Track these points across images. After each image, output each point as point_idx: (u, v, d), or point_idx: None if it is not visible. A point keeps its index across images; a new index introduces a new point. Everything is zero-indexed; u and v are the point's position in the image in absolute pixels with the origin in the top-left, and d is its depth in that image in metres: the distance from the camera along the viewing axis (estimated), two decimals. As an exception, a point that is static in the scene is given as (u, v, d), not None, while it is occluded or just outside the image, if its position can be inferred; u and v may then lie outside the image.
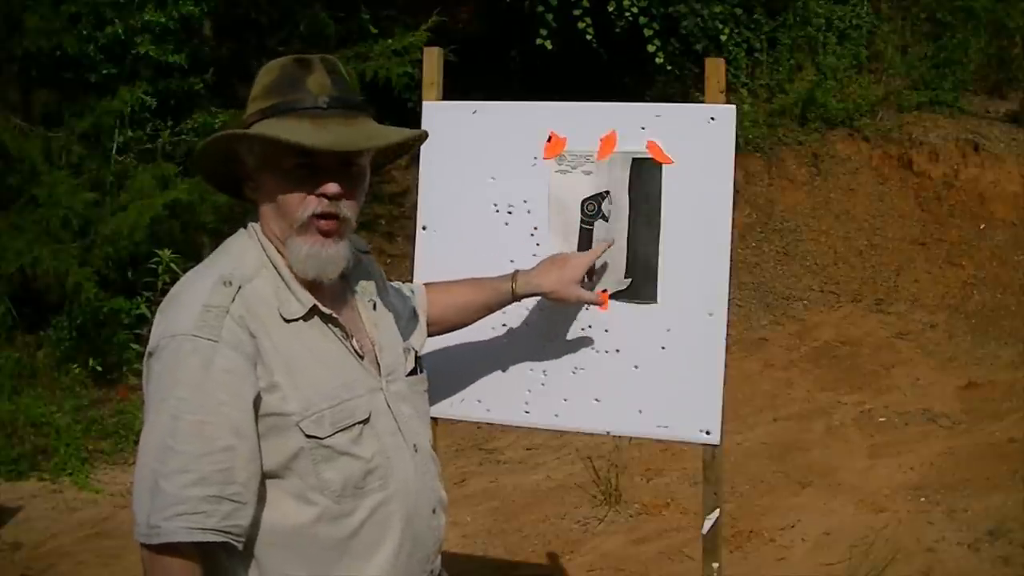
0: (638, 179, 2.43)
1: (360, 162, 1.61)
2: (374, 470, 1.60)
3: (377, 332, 1.72)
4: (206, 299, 1.52)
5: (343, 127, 1.55)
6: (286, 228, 1.58)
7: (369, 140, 1.58)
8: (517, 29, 9.35)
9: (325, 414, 1.56)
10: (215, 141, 1.60)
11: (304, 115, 1.55)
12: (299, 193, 1.55)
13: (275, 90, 1.58)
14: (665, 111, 2.48)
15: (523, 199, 2.50)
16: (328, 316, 1.62)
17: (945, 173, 8.13)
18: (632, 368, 2.41)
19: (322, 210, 1.56)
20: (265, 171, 1.58)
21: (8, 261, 6.09)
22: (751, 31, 9.40)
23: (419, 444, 1.72)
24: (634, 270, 2.42)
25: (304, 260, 1.57)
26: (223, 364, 1.48)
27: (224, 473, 1.45)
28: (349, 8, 8.20)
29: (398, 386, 1.71)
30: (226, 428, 1.46)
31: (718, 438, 2.40)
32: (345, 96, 1.59)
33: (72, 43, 6.53)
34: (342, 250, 1.61)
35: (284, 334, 1.56)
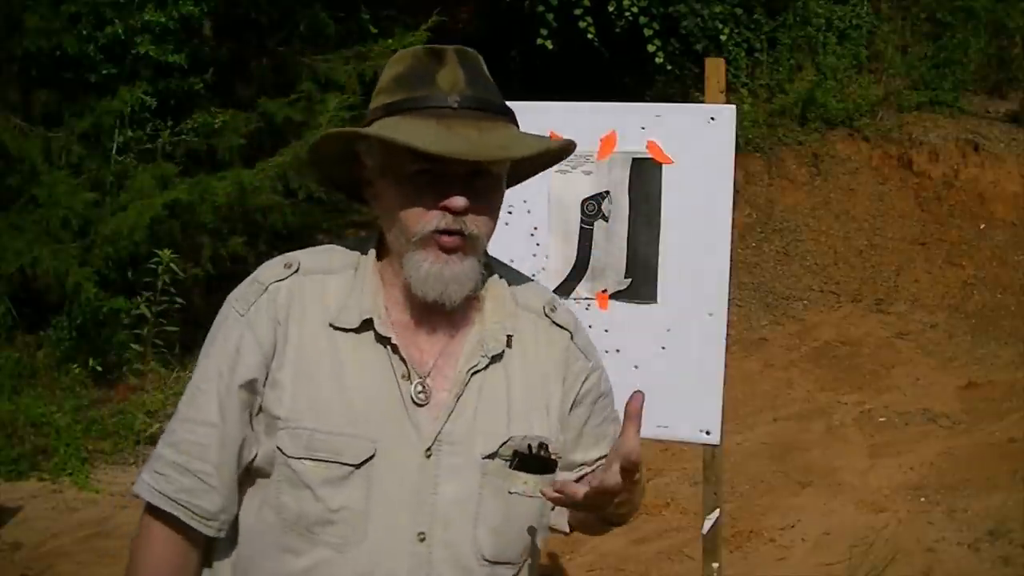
0: (638, 179, 2.43)
1: (494, 172, 1.37)
2: (334, 524, 1.33)
3: (467, 393, 1.38)
4: (260, 273, 1.42)
5: (474, 131, 1.31)
6: (404, 242, 1.35)
7: (503, 150, 1.34)
8: (517, 29, 9.35)
9: (304, 434, 1.34)
10: (328, 140, 1.40)
11: (430, 115, 1.32)
12: (420, 205, 1.33)
13: (402, 84, 1.37)
14: (665, 111, 2.48)
15: (523, 199, 2.50)
16: (383, 337, 1.37)
17: (945, 173, 8.13)
18: (632, 368, 2.41)
19: (445, 226, 1.33)
20: (385, 177, 1.36)
21: (8, 261, 6.08)
22: (751, 31, 9.40)
23: (438, 538, 1.34)
24: (634, 270, 2.42)
25: (424, 278, 1.34)
26: (236, 340, 1.37)
27: (197, 447, 1.37)
28: (349, 8, 8.19)
29: (456, 460, 1.36)
30: (215, 404, 1.37)
31: (718, 438, 2.40)
32: (481, 96, 1.36)
33: (72, 43, 6.52)
34: (468, 269, 1.35)
35: (319, 337, 1.37)
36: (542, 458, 1.41)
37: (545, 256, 2.48)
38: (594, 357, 1.53)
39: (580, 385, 1.49)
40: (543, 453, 1.41)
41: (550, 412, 1.44)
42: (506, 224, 2.52)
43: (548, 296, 1.52)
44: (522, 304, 1.47)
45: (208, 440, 1.37)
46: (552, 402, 1.44)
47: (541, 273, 2.49)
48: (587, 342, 1.53)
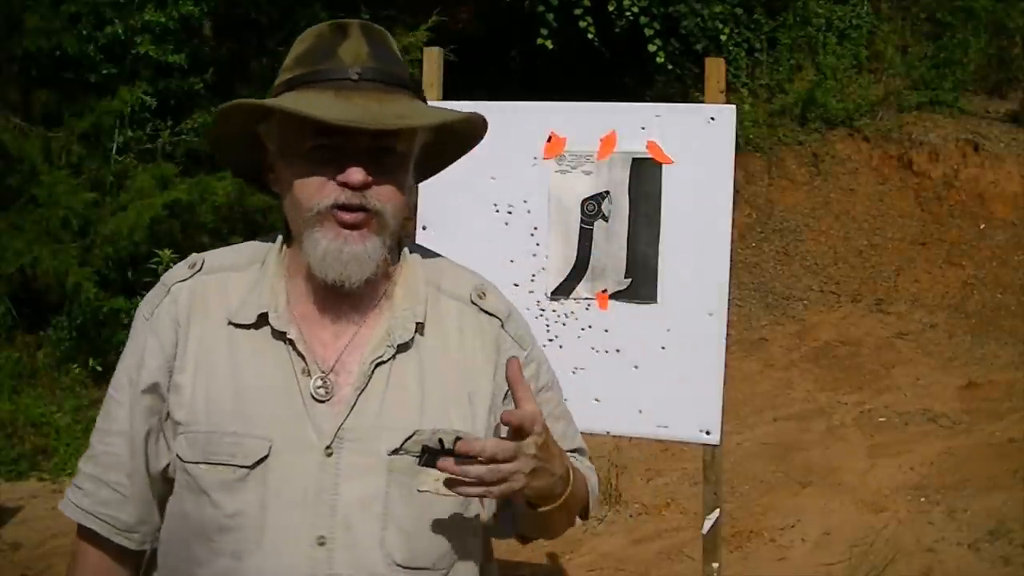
0: (638, 179, 2.43)
1: (398, 148, 1.29)
2: (230, 530, 1.25)
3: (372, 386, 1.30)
4: (166, 275, 1.38)
5: (374, 103, 1.25)
6: (302, 221, 1.29)
7: (401, 119, 1.26)
8: (517, 29, 9.36)
9: (201, 437, 1.27)
10: (225, 119, 1.33)
11: (329, 87, 1.26)
12: (317, 179, 1.27)
13: (305, 59, 1.32)
14: (665, 111, 2.48)
15: (523, 199, 2.50)
16: (280, 333, 1.30)
17: (945, 173, 8.13)
18: (632, 368, 2.41)
19: (346, 200, 1.26)
20: (285, 156, 1.31)
21: (8, 261, 6.09)
22: (751, 31, 9.40)
23: (339, 541, 1.25)
24: (634, 270, 2.42)
25: (322, 257, 1.27)
26: (141, 345, 1.34)
27: (111, 458, 1.34)
28: (349, 8, 8.19)
29: (360, 458, 1.27)
30: (125, 412, 1.33)
31: (718, 438, 2.40)
32: (384, 68, 1.30)
33: (72, 43, 6.52)
34: (371, 248, 1.28)
35: (220, 336, 1.31)
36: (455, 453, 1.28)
37: (545, 256, 2.49)
38: (530, 346, 1.43)
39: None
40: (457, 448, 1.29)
41: (474, 404, 1.34)
42: (506, 224, 2.52)
43: (477, 282, 1.42)
44: (445, 290, 1.39)
45: (120, 450, 1.33)
46: (479, 393, 1.35)
47: (541, 273, 2.49)
48: (522, 330, 1.43)
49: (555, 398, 1.48)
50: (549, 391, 1.46)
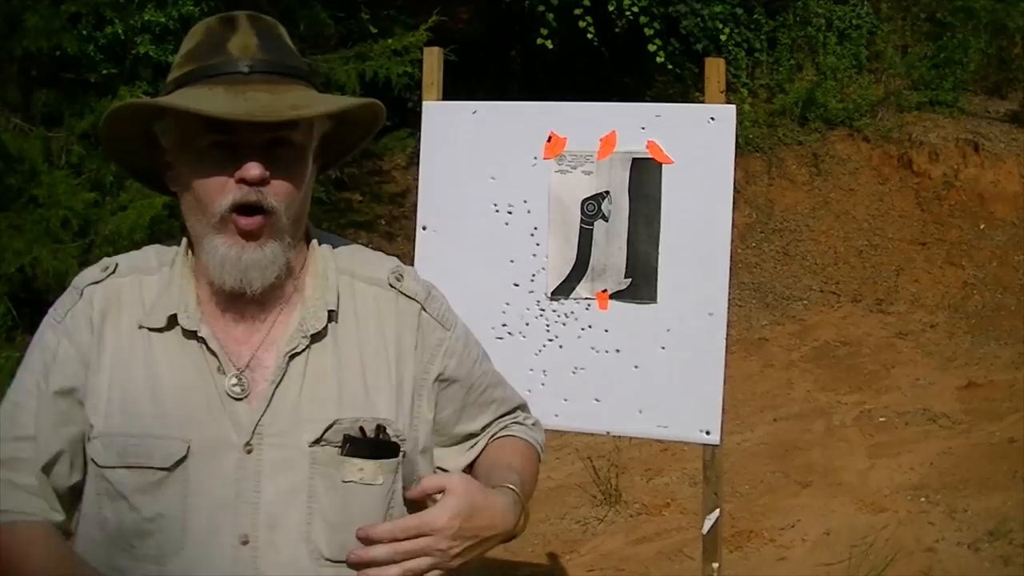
0: (638, 179, 2.44)
1: (295, 140, 1.27)
2: (151, 535, 1.22)
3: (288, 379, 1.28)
4: (77, 279, 1.36)
5: (266, 94, 1.23)
6: (203, 225, 1.26)
7: (294, 109, 1.23)
8: (517, 29, 9.36)
9: (117, 440, 1.25)
10: (117, 121, 1.30)
11: (219, 82, 1.24)
12: (216, 179, 1.23)
13: (194, 56, 1.30)
14: (665, 111, 2.48)
15: (523, 199, 2.50)
16: (191, 332, 1.28)
17: (945, 173, 8.13)
18: (632, 368, 2.41)
19: (242, 197, 1.23)
20: (180, 155, 1.28)
21: (8, 261, 6.08)
22: (751, 31, 9.40)
23: (263, 540, 1.23)
24: (634, 270, 2.42)
25: (220, 265, 1.25)
26: (53, 348, 1.30)
27: (18, 463, 1.29)
28: (349, 8, 8.20)
29: (280, 453, 1.25)
30: (32, 417, 1.29)
31: (718, 438, 2.40)
32: (275, 59, 1.27)
33: (72, 43, 6.52)
34: (270, 254, 1.26)
35: (135, 339, 1.29)
36: (379, 441, 1.28)
37: (545, 256, 2.49)
38: (453, 324, 1.41)
39: (441, 357, 1.38)
40: (380, 436, 1.28)
41: (402, 388, 1.33)
42: (506, 224, 2.52)
43: (392, 265, 1.41)
44: (360, 276, 1.37)
45: (27, 454, 1.29)
46: (405, 377, 1.34)
47: (541, 273, 2.49)
48: (443, 309, 1.41)
49: (488, 368, 1.48)
50: (481, 363, 1.46)
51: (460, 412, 1.42)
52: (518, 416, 1.52)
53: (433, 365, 1.38)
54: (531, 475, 1.44)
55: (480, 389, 1.45)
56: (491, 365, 1.50)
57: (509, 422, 1.50)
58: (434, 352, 1.38)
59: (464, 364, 1.42)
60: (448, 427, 1.42)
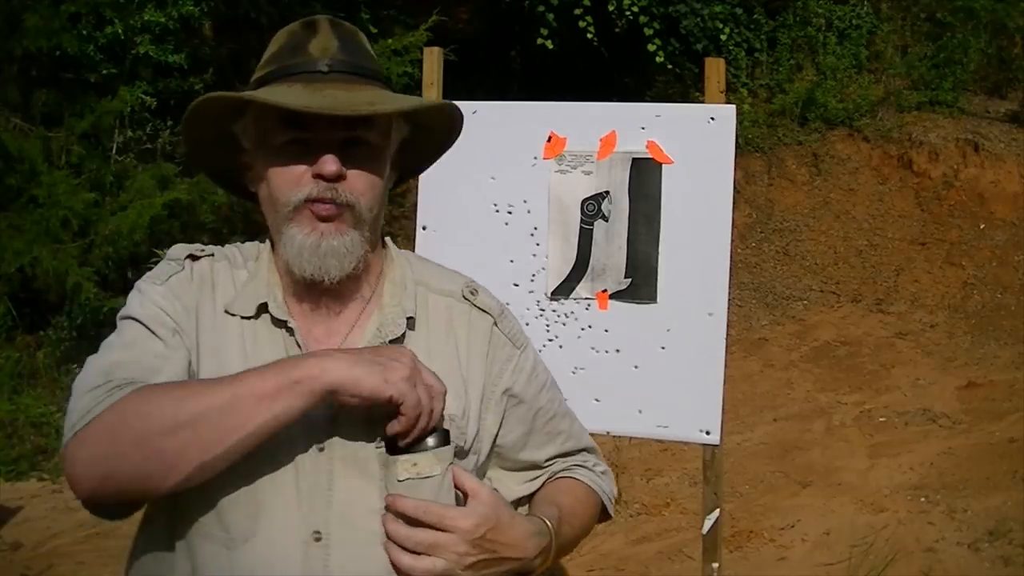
0: (638, 179, 2.43)
1: (372, 140, 1.28)
2: (221, 517, 1.21)
3: None
4: (172, 252, 1.37)
5: (344, 92, 1.25)
6: (279, 217, 1.28)
7: (371, 106, 1.25)
8: (517, 29, 9.36)
9: None
10: (198, 118, 1.30)
11: (299, 80, 1.26)
12: (291, 172, 1.26)
13: (275, 57, 1.32)
14: (665, 111, 2.48)
15: (523, 199, 2.50)
16: (279, 321, 1.29)
17: (945, 173, 8.13)
18: (632, 368, 2.41)
19: (317, 193, 1.24)
20: (259, 152, 1.30)
21: (8, 261, 6.09)
22: (751, 31, 9.41)
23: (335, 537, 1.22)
24: (634, 270, 2.42)
25: (298, 252, 1.26)
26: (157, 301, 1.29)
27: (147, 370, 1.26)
28: (349, 8, 8.20)
29: (351, 452, 1.25)
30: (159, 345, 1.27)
31: (718, 438, 2.40)
32: (353, 60, 1.30)
33: (72, 43, 6.53)
34: (349, 243, 1.26)
35: (222, 321, 1.30)
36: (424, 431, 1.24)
37: (545, 256, 2.49)
38: (524, 344, 1.42)
39: (511, 372, 1.38)
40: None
41: (469, 394, 1.33)
42: (506, 224, 2.52)
43: (466, 280, 1.42)
44: (434, 288, 1.38)
45: (159, 365, 1.24)
46: (472, 383, 1.34)
47: (541, 273, 2.49)
48: (515, 328, 1.42)
49: (557, 396, 1.46)
50: (548, 390, 1.45)
51: (526, 437, 1.41)
52: (587, 460, 1.48)
53: (502, 378, 1.37)
54: (577, 517, 1.39)
55: (547, 416, 1.43)
56: (560, 396, 1.48)
57: (574, 463, 1.46)
58: (503, 366, 1.38)
59: (532, 385, 1.40)
60: (513, 451, 1.40)
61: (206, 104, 1.28)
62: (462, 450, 1.30)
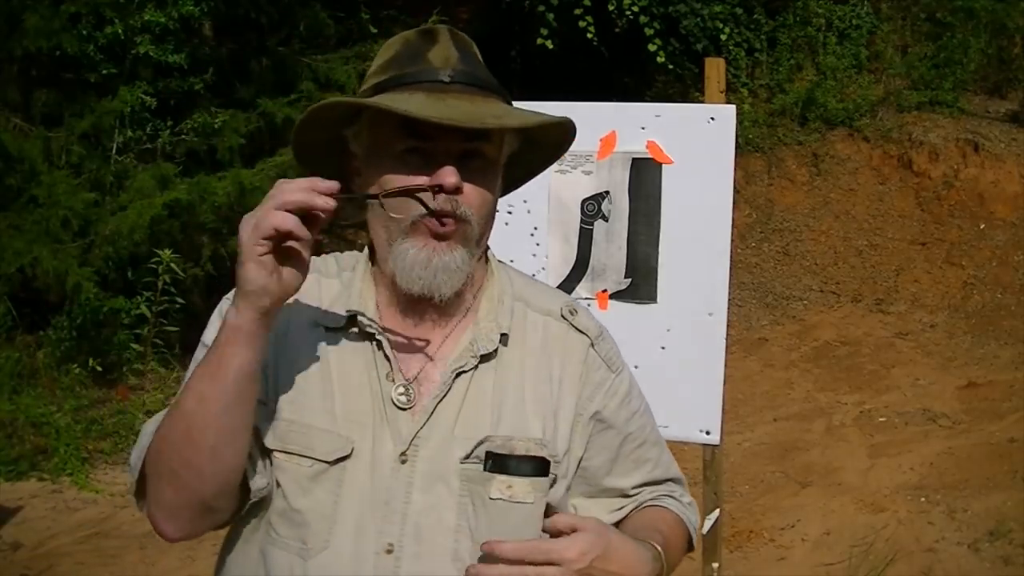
0: (638, 179, 2.43)
1: (488, 153, 1.26)
2: (297, 527, 1.22)
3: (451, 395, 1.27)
4: None
5: (467, 103, 1.22)
6: (392, 230, 1.25)
7: (497, 119, 1.23)
8: (517, 29, 9.37)
9: (281, 424, 1.25)
10: (310, 122, 1.28)
11: (421, 88, 1.23)
12: (410, 183, 1.23)
13: (393, 64, 1.28)
14: (665, 111, 2.48)
15: (523, 199, 2.50)
16: (368, 334, 1.28)
17: (945, 173, 8.13)
18: (632, 368, 2.41)
19: (438, 205, 1.21)
20: (373, 159, 1.27)
21: (8, 261, 6.08)
22: (751, 31, 9.41)
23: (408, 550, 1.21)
24: (634, 270, 2.42)
25: (410, 268, 1.23)
26: None
27: None
28: (349, 8, 8.20)
29: (433, 466, 1.24)
30: None
31: (718, 438, 2.40)
32: (474, 72, 1.27)
33: (72, 43, 6.52)
34: (459, 259, 1.24)
35: (309, 334, 1.30)
36: (524, 457, 1.25)
37: (545, 256, 2.49)
38: (620, 368, 1.39)
39: (603, 396, 1.35)
40: (528, 453, 1.25)
41: (559, 416, 1.30)
42: (506, 224, 2.52)
43: (566, 299, 1.40)
44: (533, 305, 1.36)
45: None
46: (564, 406, 1.31)
47: (541, 273, 2.49)
48: (612, 352, 1.39)
49: (649, 423, 1.44)
50: (642, 416, 1.42)
51: (612, 463, 1.38)
52: (673, 490, 1.45)
53: (593, 402, 1.34)
54: (676, 547, 1.37)
55: (636, 442, 1.40)
56: (653, 423, 1.45)
57: (661, 493, 1.43)
58: (596, 389, 1.35)
59: (623, 411, 1.38)
60: (597, 477, 1.37)
61: (325, 108, 1.26)
62: (548, 465, 1.28)
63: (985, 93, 9.19)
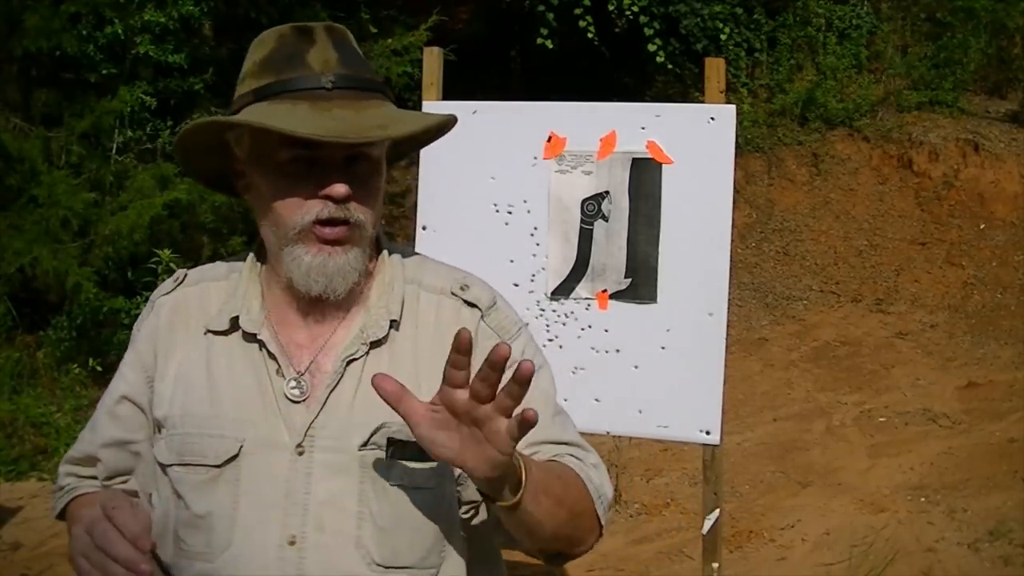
0: (638, 179, 2.44)
1: (373, 154, 1.28)
2: (201, 531, 1.25)
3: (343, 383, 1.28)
4: (154, 292, 1.43)
5: (351, 112, 1.23)
6: (282, 235, 1.27)
7: (382, 130, 1.24)
8: (517, 29, 9.37)
9: (176, 439, 1.28)
10: (194, 132, 1.29)
11: (302, 97, 1.23)
12: (297, 195, 1.24)
13: (269, 67, 1.27)
14: (665, 111, 2.48)
15: (523, 199, 2.50)
16: (250, 335, 1.30)
17: (945, 173, 8.13)
18: (632, 368, 2.41)
19: (328, 215, 1.24)
20: (257, 166, 1.28)
21: (8, 261, 6.09)
22: (751, 31, 9.41)
23: (311, 541, 1.23)
24: (634, 270, 2.42)
25: (307, 272, 1.26)
26: (127, 360, 1.41)
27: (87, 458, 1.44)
28: (349, 8, 8.20)
29: (331, 456, 1.25)
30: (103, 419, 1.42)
31: (718, 438, 2.40)
32: (355, 75, 1.27)
33: (72, 43, 6.52)
34: (353, 260, 1.27)
35: (199, 343, 1.33)
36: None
37: (545, 256, 2.49)
38: (514, 336, 1.36)
39: None
40: None
41: None
42: (506, 224, 2.52)
43: (460, 275, 1.39)
44: (426, 285, 1.36)
45: (91, 449, 1.42)
46: None
47: (541, 273, 2.49)
48: (505, 320, 1.37)
49: (541, 386, 1.34)
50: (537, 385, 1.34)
51: None
52: (576, 452, 1.38)
53: None
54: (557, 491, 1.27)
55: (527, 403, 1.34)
56: (551, 390, 1.39)
57: (564, 452, 1.37)
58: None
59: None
60: None
61: (207, 124, 1.28)
62: None
63: (985, 93, 9.19)
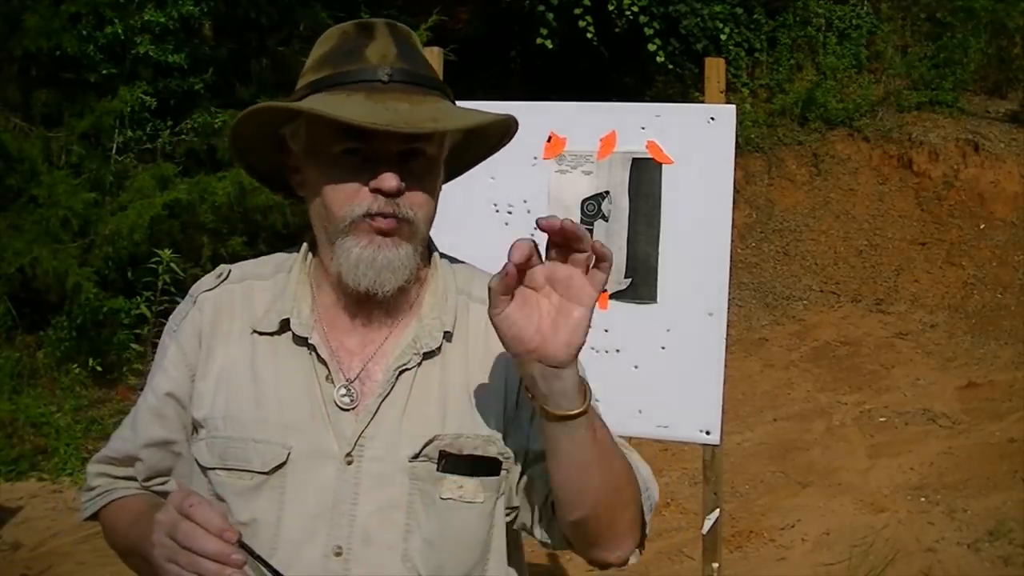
0: (638, 179, 2.43)
1: (429, 152, 1.25)
2: (247, 539, 1.19)
3: (394, 393, 1.26)
4: (194, 287, 1.38)
5: (406, 105, 1.20)
6: (333, 229, 1.24)
7: (435, 122, 1.21)
8: (517, 29, 9.37)
9: (219, 443, 1.25)
10: (248, 122, 1.27)
11: (358, 88, 1.21)
12: (349, 186, 1.22)
13: (328, 60, 1.26)
14: (665, 111, 2.48)
15: (523, 199, 2.50)
16: (301, 339, 1.27)
17: (945, 173, 8.13)
18: (632, 368, 2.41)
19: (378, 209, 1.21)
20: (311, 160, 1.26)
21: (8, 261, 6.08)
22: (751, 31, 9.41)
23: (356, 553, 1.21)
24: (634, 270, 2.42)
25: (355, 264, 1.22)
26: (167, 354, 1.34)
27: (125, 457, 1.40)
28: (349, 8, 8.20)
29: (380, 467, 1.23)
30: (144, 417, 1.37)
31: (718, 438, 2.40)
32: (413, 69, 1.25)
33: (72, 43, 6.53)
34: (404, 256, 1.23)
35: (245, 343, 1.29)
36: (479, 458, 1.24)
37: (545, 256, 2.49)
38: None
39: None
40: (479, 453, 1.24)
41: (507, 399, 1.28)
42: (506, 224, 2.52)
43: None
44: (476, 297, 1.33)
45: (129, 449, 1.39)
46: (510, 397, 1.29)
47: (541, 273, 2.49)
48: None
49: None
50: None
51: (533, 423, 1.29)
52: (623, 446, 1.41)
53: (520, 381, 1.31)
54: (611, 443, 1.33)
55: None
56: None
57: None
58: None
59: None
60: (529, 441, 1.31)
61: (261, 111, 1.25)
62: (499, 466, 1.26)
63: (985, 93, 9.19)
